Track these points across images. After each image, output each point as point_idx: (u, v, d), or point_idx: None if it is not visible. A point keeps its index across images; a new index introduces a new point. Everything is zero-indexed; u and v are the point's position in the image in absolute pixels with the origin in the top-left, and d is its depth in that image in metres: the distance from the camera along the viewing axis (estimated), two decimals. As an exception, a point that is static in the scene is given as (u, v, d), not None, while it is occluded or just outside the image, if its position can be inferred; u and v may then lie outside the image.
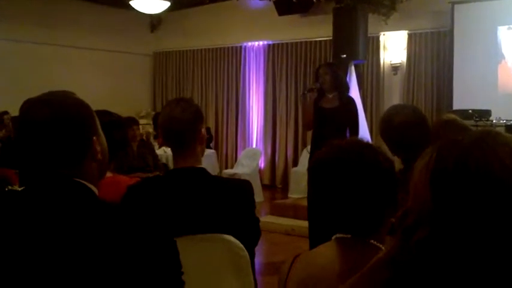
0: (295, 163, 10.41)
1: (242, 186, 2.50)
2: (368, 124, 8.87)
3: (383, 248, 1.53)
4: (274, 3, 10.31)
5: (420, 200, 1.02)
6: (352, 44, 8.53)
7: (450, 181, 0.98)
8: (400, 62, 9.88)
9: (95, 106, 1.56)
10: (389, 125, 2.66)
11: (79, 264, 1.27)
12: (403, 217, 1.08)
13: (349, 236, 1.56)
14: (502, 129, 6.96)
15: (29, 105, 1.46)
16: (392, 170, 1.56)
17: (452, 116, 3.33)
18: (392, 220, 1.55)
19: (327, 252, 1.58)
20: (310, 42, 10.76)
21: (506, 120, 7.81)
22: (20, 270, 1.29)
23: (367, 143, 1.60)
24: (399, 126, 2.61)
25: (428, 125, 2.70)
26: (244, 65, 11.68)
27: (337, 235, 1.59)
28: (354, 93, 7.71)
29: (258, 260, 2.62)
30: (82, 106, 1.49)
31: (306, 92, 5.72)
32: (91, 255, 1.28)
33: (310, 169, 1.61)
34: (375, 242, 1.53)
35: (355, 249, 1.52)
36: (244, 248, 2.27)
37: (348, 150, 1.55)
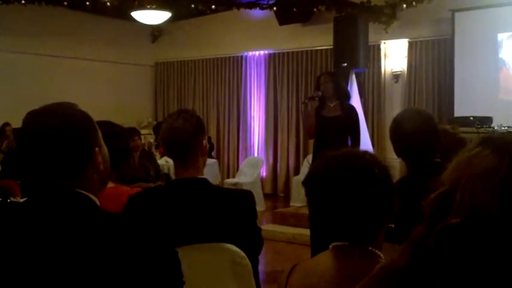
0: (297, 172, 10.40)
1: (243, 196, 2.51)
2: (369, 132, 8.86)
3: (381, 254, 1.53)
4: (275, 12, 10.34)
5: (477, 206, 0.97)
6: (353, 52, 8.55)
7: None
8: (401, 70, 9.89)
9: (96, 117, 1.57)
10: (397, 130, 2.66)
11: (80, 274, 1.28)
12: (444, 223, 1.01)
13: (346, 243, 1.56)
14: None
15: (31, 117, 1.47)
16: (387, 180, 1.55)
17: (446, 126, 3.33)
18: (391, 226, 1.56)
19: (325, 261, 1.58)
20: (311, 51, 10.78)
21: (508, 126, 7.77)
22: (21, 282, 1.30)
23: (362, 154, 1.59)
24: (405, 133, 2.60)
25: (437, 135, 2.65)
26: (246, 75, 11.71)
27: (335, 243, 1.59)
28: (355, 101, 7.70)
29: (259, 268, 2.62)
30: (84, 117, 1.49)
31: (307, 100, 5.72)
32: (92, 265, 1.29)
33: (305, 182, 1.61)
34: (373, 249, 1.54)
35: (353, 256, 1.53)
36: (245, 256, 2.28)
37: (341, 163, 1.55)
